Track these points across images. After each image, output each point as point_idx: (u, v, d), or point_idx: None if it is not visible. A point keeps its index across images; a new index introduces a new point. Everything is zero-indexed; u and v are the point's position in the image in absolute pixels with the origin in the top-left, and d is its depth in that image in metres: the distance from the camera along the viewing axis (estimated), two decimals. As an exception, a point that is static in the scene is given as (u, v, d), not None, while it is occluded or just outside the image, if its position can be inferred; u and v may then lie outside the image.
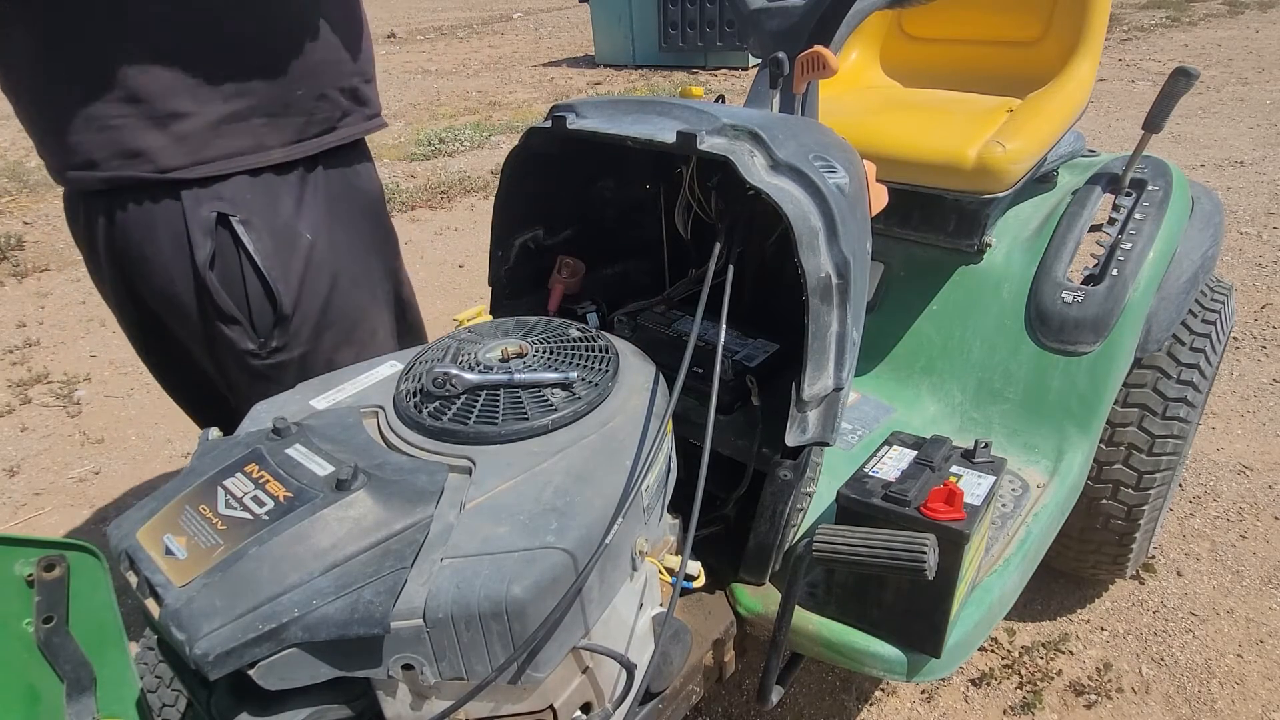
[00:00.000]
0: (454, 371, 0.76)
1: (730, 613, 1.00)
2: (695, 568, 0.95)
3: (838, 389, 0.89)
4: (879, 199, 0.97)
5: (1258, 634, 1.56)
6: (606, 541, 0.64)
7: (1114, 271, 1.26)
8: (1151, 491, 1.35)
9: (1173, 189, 1.36)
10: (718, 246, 0.91)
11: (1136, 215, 1.33)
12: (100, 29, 0.84)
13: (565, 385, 0.78)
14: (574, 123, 0.94)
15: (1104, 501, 1.38)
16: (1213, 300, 1.42)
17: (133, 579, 0.63)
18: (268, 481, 0.65)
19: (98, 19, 0.84)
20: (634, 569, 0.75)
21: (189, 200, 0.92)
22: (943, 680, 1.51)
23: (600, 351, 0.84)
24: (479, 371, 0.78)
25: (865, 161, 0.94)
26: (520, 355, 0.82)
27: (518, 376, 0.77)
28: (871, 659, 0.93)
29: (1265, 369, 2.41)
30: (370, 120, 1.10)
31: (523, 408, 0.75)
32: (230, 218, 0.94)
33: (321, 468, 0.67)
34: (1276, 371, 2.39)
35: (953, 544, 0.82)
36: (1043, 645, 1.56)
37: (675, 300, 1.20)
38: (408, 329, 1.23)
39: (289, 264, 0.99)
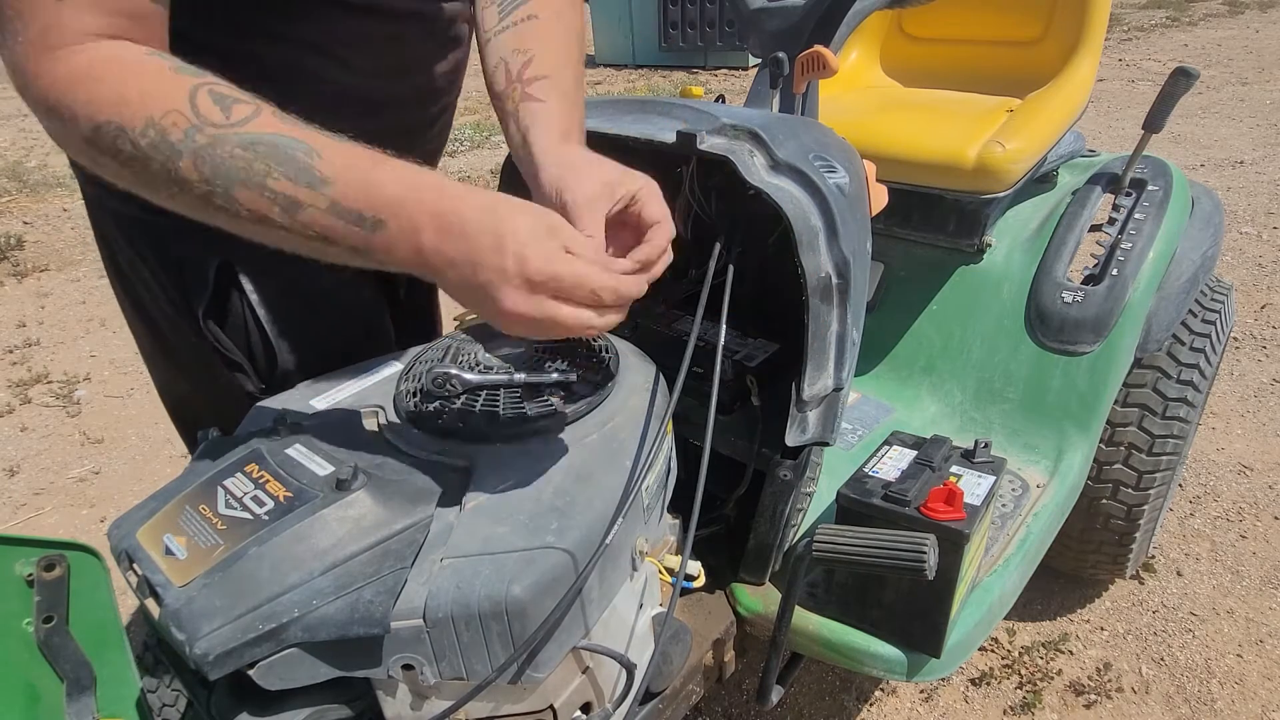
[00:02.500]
0: (454, 371, 0.76)
1: (730, 613, 1.00)
2: (695, 568, 0.95)
3: (838, 389, 0.89)
4: (879, 199, 0.97)
5: (1258, 634, 1.56)
6: (606, 541, 0.64)
7: (1114, 271, 1.26)
8: (1151, 491, 1.35)
9: (1173, 189, 1.36)
10: (718, 246, 0.91)
11: (1136, 215, 1.33)
12: None
13: (565, 385, 0.78)
14: (574, 123, 0.94)
15: (1104, 501, 1.38)
16: (1213, 300, 1.42)
17: (133, 579, 0.63)
18: (268, 481, 0.65)
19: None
20: (634, 569, 0.75)
21: (192, 243, 0.84)
22: (943, 680, 1.51)
23: (600, 351, 0.84)
24: (479, 371, 0.78)
25: (865, 161, 0.94)
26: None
27: (518, 376, 0.77)
28: (871, 659, 0.93)
29: (1265, 369, 2.41)
30: None
31: (523, 408, 0.75)
32: (234, 265, 0.88)
33: (321, 468, 0.67)
34: (1276, 371, 2.39)
35: (953, 544, 0.82)
36: (1043, 645, 1.56)
37: (675, 300, 1.20)
38: None
39: (296, 316, 0.93)
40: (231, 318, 0.91)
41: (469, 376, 0.76)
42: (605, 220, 0.65)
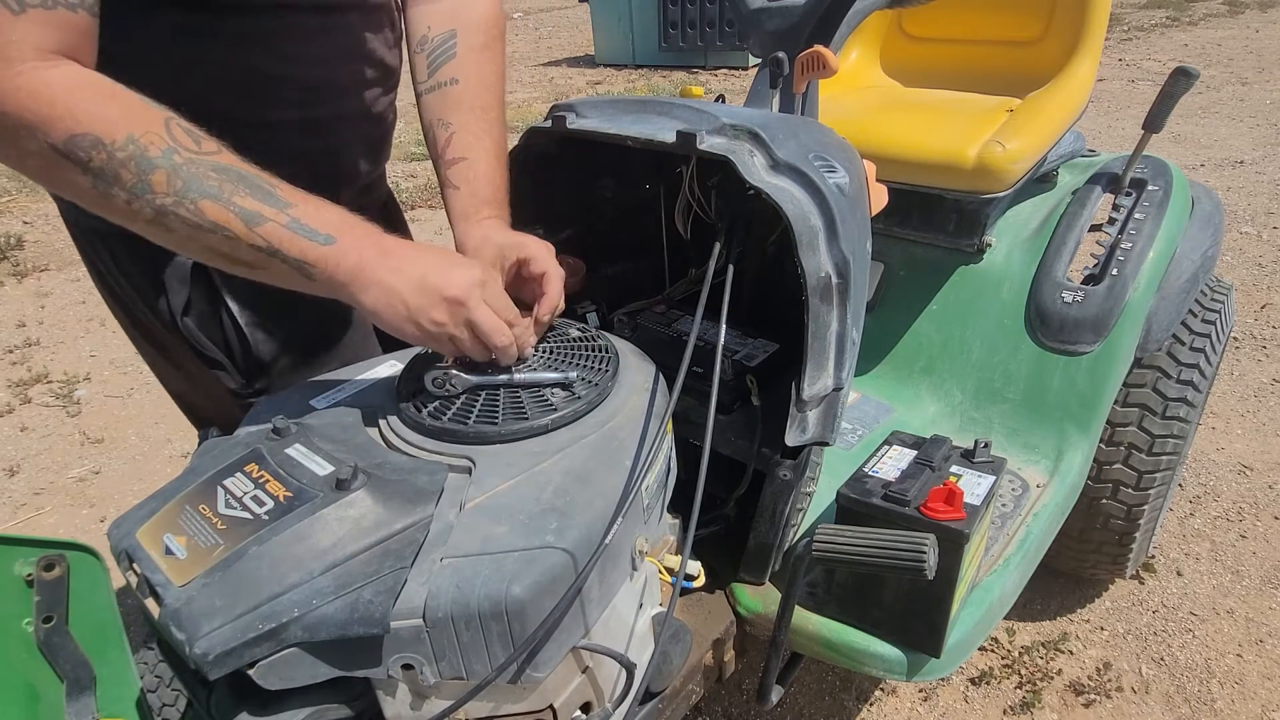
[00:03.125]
0: (454, 371, 0.76)
1: (730, 613, 1.00)
2: (695, 568, 0.95)
3: (838, 389, 0.89)
4: (879, 199, 0.97)
5: (1258, 634, 1.56)
6: (606, 541, 0.64)
7: (1114, 271, 1.26)
8: (1151, 491, 1.35)
9: (1173, 189, 1.36)
10: (718, 246, 0.91)
11: (1136, 215, 1.33)
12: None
13: (565, 385, 0.78)
14: (574, 122, 0.94)
15: (1104, 501, 1.38)
16: (1213, 300, 1.42)
17: (133, 579, 0.63)
18: (268, 481, 0.65)
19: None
20: (634, 569, 0.75)
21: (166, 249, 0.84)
22: (942, 680, 1.51)
23: (600, 351, 0.84)
24: (479, 371, 0.78)
25: (865, 161, 0.94)
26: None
27: (518, 376, 0.77)
28: (871, 659, 0.93)
29: (1265, 369, 2.41)
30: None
31: (523, 408, 0.75)
32: (207, 265, 0.88)
33: (321, 467, 0.67)
34: (1276, 371, 2.39)
35: (953, 544, 0.82)
36: (1043, 645, 1.56)
37: (675, 300, 1.20)
38: None
39: (271, 312, 0.94)
40: (208, 317, 0.93)
41: (469, 376, 0.76)
42: (505, 280, 0.83)
